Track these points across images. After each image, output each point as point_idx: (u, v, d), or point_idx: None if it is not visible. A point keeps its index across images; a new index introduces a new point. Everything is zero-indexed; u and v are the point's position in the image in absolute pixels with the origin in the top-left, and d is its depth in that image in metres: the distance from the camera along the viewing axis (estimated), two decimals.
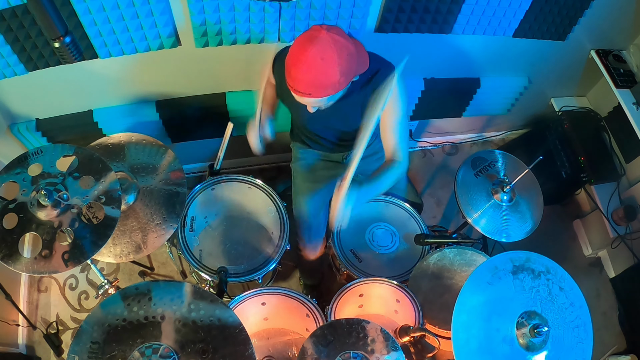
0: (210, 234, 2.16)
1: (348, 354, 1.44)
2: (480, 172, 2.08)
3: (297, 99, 1.56)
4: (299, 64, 1.43)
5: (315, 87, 1.46)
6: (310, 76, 1.44)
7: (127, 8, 1.73)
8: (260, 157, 2.91)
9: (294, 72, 1.44)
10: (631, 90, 2.52)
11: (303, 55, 1.41)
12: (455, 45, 2.38)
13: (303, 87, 1.46)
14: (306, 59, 1.41)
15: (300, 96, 1.50)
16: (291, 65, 1.45)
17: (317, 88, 1.46)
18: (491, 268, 1.45)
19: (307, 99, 1.52)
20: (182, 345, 1.26)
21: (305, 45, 1.41)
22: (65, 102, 2.12)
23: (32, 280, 2.57)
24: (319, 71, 1.43)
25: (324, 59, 1.41)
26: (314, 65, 1.42)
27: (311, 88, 1.46)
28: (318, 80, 1.45)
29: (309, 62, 1.41)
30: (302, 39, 1.44)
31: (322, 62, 1.41)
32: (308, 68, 1.42)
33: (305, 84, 1.45)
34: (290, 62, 1.46)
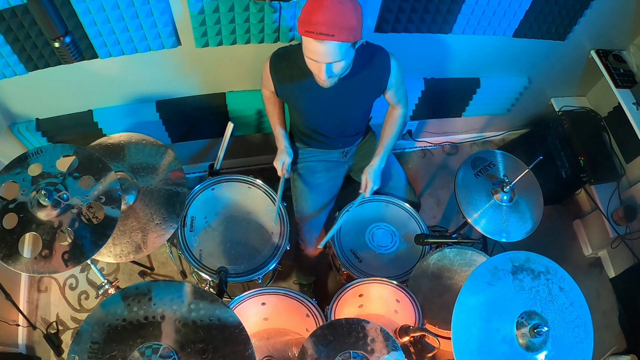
0: (210, 234, 2.16)
1: (348, 353, 1.44)
2: (480, 172, 2.08)
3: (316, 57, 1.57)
4: (319, 7, 1.47)
5: (338, 27, 1.49)
6: (332, 15, 1.47)
7: (127, 8, 1.73)
8: (260, 157, 2.92)
9: (315, 16, 1.47)
10: (631, 90, 2.52)
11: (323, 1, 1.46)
12: (455, 45, 2.38)
13: (326, 28, 1.48)
14: (326, 3, 1.46)
15: (322, 39, 1.50)
16: (311, 11, 1.48)
17: (340, 29, 1.49)
18: (491, 268, 1.45)
19: (328, 45, 1.52)
20: (182, 345, 1.26)
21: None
22: (65, 102, 2.12)
23: (32, 280, 2.57)
24: (339, 12, 1.48)
25: (342, 3, 1.48)
26: (333, 7, 1.47)
27: (334, 28, 1.48)
28: (339, 20, 1.49)
29: (329, 5, 1.47)
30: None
31: (341, 5, 1.48)
32: (328, 9, 1.47)
33: (327, 25, 1.48)
34: (308, 9, 1.49)
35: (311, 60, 1.61)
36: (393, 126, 2.07)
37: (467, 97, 2.80)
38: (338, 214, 2.11)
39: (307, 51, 1.59)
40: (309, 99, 1.87)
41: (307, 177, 2.14)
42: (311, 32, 1.50)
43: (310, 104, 1.90)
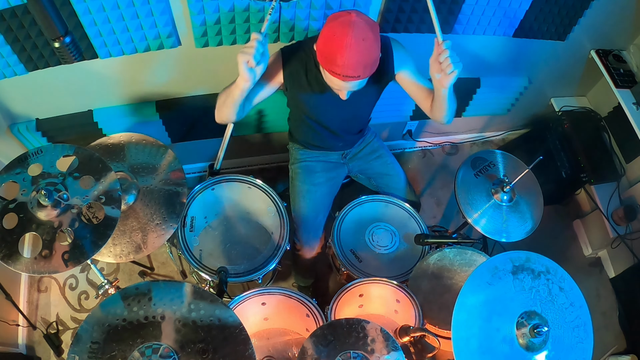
0: (210, 234, 2.16)
1: (348, 354, 1.44)
2: (480, 172, 2.08)
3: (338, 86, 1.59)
4: (344, 50, 1.46)
5: (364, 67, 1.51)
6: (359, 58, 1.48)
7: (127, 8, 1.73)
8: (260, 157, 2.93)
9: (341, 58, 1.47)
10: (631, 90, 2.52)
11: (346, 41, 1.45)
12: (455, 45, 2.37)
13: (352, 70, 1.50)
14: (350, 44, 1.45)
15: (349, 80, 1.53)
16: (336, 54, 1.47)
17: (365, 68, 1.51)
18: (491, 268, 1.45)
19: (353, 82, 1.56)
20: (182, 345, 1.25)
21: (345, 30, 1.45)
22: (65, 102, 2.12)
23: (32, 280, 2.57)
24: (365, 52, 1.48)
25: (365, 40, 1.47)
26: (358, 47, 1.46)
27: (360, 70, 1.50)
28: (365, 60, 1.50)
29: (354, 46, 1.46)
30: (339, 28, 1.47)
31: (365, 42, 1.47)
32: (355, 51, 1.46)
33: (354, 67, 1.49)
34: (333, 51, 1.48)
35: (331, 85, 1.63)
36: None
37: (467, 97, 2.80)
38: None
39: (328, 81, 1.60)
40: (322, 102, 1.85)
41: (306, 177, 2.14)
42: (337, 74, 1.51)
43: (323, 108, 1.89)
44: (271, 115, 2.44)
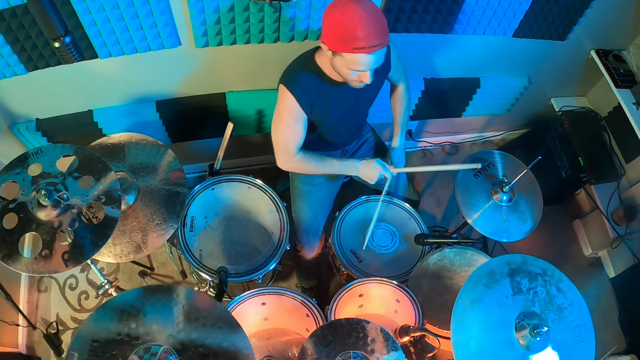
0: (210, 234, 2.17)
1: (348, 354, 1.44)
2: (480, 173, 2.08)
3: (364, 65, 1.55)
4: (361, 22, 1.45)
5: (383, 33, 1.50)
6: (376, 25, 1.48)
7: (127, 8, 1.73)
8: (260, 157, 2.93)
9: (362, 31, 1.46)
10: (631, 90, 2.52)
11: (357, 14, 1.45)
12: (455, 45, 2.38)
13: (375, 39, 1.48)
14: (363, 15, 1.45)
15: (375, 50, 1.51)
16: (353, 30, 1.46)
17: (385, 34, 1.51)
18: (488, 271, 1.46)
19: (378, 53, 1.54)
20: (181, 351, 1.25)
21: (350, 8, 1.45)
22: (65, 102, 2.12)
23: (32, 280, 2.57)
24: (378, 18, 1.49)
25: (372, 8, 1.48)
26: (370, 16, 1.46)
27: (381, 36, 1.50)
28: (382, 26, 1.50)
29: (367, 16, 1.45)
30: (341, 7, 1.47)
31: (373, 11, 1.48)
32: (370, 21, 1.46)
33: (376, 35, 1.48)
34: (349, 28, 1.47)
35: (355, 71, 1.59)
36: (402, 103, 2.07)
37: (467, 97, 2.80)
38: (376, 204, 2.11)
39: (353, 65, 1.56)
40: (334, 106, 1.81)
41: (305, 178, 2.13)
42: (362, 48, 1.49)
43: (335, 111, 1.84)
44: (271, 115, 2.42)
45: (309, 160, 1.82)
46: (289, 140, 1.77)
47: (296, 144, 1.78)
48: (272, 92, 2.33)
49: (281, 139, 1.77)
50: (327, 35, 1.53)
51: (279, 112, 1.75)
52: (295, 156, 1.79)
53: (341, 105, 1.82)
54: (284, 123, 1.75)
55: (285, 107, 1.71)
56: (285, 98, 1.70)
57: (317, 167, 1.84)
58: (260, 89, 2.34)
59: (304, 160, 1.81)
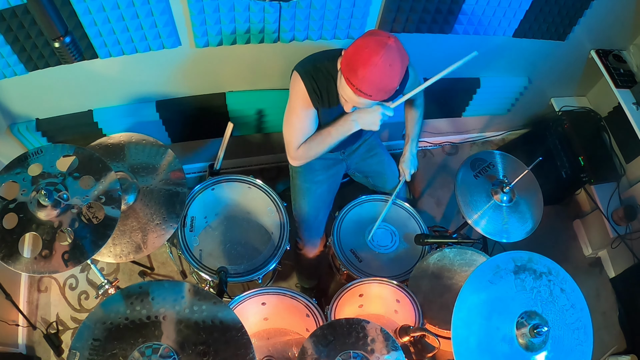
0: (210, 234, 2.17)
1: (348, 354, 1.44)
2: (480, 173, 2.08)
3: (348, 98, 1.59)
4: (369, 66, 1.46)
5: (378, 90, 1.51)
6: (377, 80, 1.48)
7: (127, 8, 1.72)
8: (260, 157, 2.93)
9: (362, 72, 1.47)
10: (631, 90, 2.52)
11: (374, 58, 1.45)
12: (455, 45, 2.37)
13: (367, 88, 1.50)
14: (377, 63, 1.45)
15: (360, 96, 1.53)
16: (360, 66, 1.47)
17: (379, 92, 1.52)
18: (493, 267, 1.46)
19: (363, 100, 1.56)
20: (183, 346, 1.25)
21: (377, 51, 1.45)
22: (65, 102, 2.12)
23: (32, 280, 2.57)
24: (386, 77, 1.49)
25: (392, 66, 1.47)
26: (382, 70, 1.47)
27: (374, 90, 1.51)
28: (382, 84, 1.50)
29: (379, 66, 1.46)
30: (372, 43, 1.47)
31: (390, 69, 1.47)
32: (377, 72, 1.47)
33: (370, 86, 1.50)
34: (359, 62, 1.48)
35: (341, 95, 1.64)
36: (416, 114, 2.17)
37: (467, 97, 2.80)
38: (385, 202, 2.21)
39: (341, 90, 1.60)
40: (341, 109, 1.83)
41: (306, 175, 2.14)
42: (352, 85, 1.51)
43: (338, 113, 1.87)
44: (271, 115, 2.44)
45: (311, 142, 1.85)
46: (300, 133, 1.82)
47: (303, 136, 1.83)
48: (272, 92, 2.34)
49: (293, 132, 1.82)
50: (346, 51, 1.56)
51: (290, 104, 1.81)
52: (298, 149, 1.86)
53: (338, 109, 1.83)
54: (295, 115, 1.81)
55: (297, 97, 1.76)
56: (298, 87, 1.75)
57: (319, 143, 1.85)
58: (260, 89, 2.34)
59: (308, 145, 1.85)
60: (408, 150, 2.22)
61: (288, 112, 1.83)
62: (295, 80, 1.76)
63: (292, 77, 1.78)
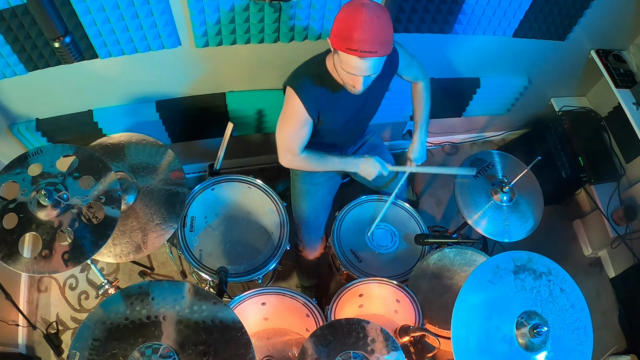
0: (210, 234, 2.17)
1: (348, 354, 1.44)
2: (480, 173, 2.08)
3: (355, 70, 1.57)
4: (360, 25, 1.47)
5: (380, 43, 1.51)
6: (374, 33, 1.49)
7: (127, 8, 1.73)
8: (260, 157, 2.93)
9: (357, 33, 1.47)
10: (631, 90, 2.52)
11: (361, 17, 1.46)
12: (455, 45, 2.38)
13: (369, 45, 1.49)
14: (365, 20, 1.47)
15: (366, 56, 1.52)
16: (352, 30, 1.48)
17: (381, 45, 1.52)
18: (493, 267, 1.46)
19: (370, 61, 1.54)
20: (183, 346, 1.25)
21: (358, 9, 1.47)
22: (65, 102, 2.12)
23: (32, 280, 2.57)
24: (379, 28, 1.49)
25: (379, 18, 1.49)
26: (373, 23, 1.48)
27: (376, 45, 1.50)
28: (380, 35, 1.51)
29: (369, 22, 1.47)
30: (351, 8, 1.49)
31: (379, 20, 1.48)
32: (369, 26, 1.47)
33: (371, 42, 1.49)
34: (349, 28, 1.49)
35: (348, 74, 1.60)
36: (421, 100, 2.10)
37: (467, 97, 2.80)
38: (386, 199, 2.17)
39: (346, 66, 1.58)
40: (341, 111, 1.84)
41: (306, 177, 2.14)
42: (354, 50, 1.50)
43: (340, 116, 1.87)
44: (271, 115, 2.44)
45: (312, 159, 1.88)
46: (293, 142, 1.82)
47: (300, 146, 1.84)
48: (272, 92, 2.34)
49: (285, 140, 1.83)
50: (332, 30, 1.55)
51: (285, 115, 1.79)
52: (299, 156, 1.85)
53: (347, 111, 1.84)
54: (289, 126, 1.80)
55: (293, 112, 1.75)
56: (293, 102, 1.74)
57: (319, 165, 1.91)
58: (260, 89, 2.34)
59: (307, 159, 1.87)
60: (417, 140, 2.10)
61: (283, 123, 1.81)
62: (289, 94, 1.74)
63: (286, 92, 1.76)
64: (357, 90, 1.66)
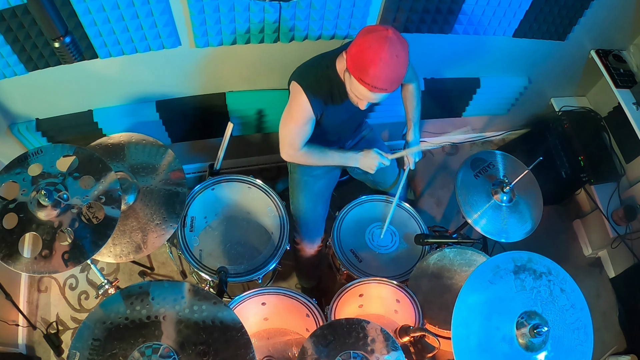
0: (210, 234, 2.17)
1: (348, 354, 1.44)
2: (480, 173, 2.08)
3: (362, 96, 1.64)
4: (378, 63, 1.52)
5: (392, 82, 1.57)
6: (389, 73, 1.54)
7: (127, 8, 1.72)
8: (260, 157, 2.93)
9: (374, 71, 1.52)
10: (631, 90, 2.52)
11: (381, 55, 1.51)
12: (455, 45, 2.37)
13: (381, 83, 1.56)
14: (384, 58, 1.51)
15: (376, 92, 1.58)
16: (369, 65, 1.52)
17: (393, 83, 1.58)
18: (493, 267, 1.46)
19: (378, 94, 1.61)
20: (183, 346, 1.26)
21: (381, 46, 1.51)
22: (65, 102, 2.12)
23: (32, 280, 2.57)
24: (395, 68, 1.55)
25: (398, 57, 1.54)
26: (391, 63, 1.53)
27: (388, 84, 1.57)
28: (394, 76, 1.56)
29: (387, 60, 1.52)
30: (375, 41, 1.52)
31: (397, 59, 1.54)
32: (387, 66, 1.53)
33: (383, 81, 1.55)
34: (367, 62, 1.53)
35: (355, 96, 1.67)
36: (413, 100, 2.14)
37: (467, 97, 2.79)
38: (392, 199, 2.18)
39: (354, 90, 1.64)
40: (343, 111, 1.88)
41: (304, 172, 2.13)
42: (366, 84, 1.56)
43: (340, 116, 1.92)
44: (271, 115, 2.44)
45: (312, 154, 1.91)
46: (296, 138, 1.86)
47: (302, 141, 1.87)
48: (272, 92, 2.34)
49: (289, 135, 1.86)
50: (349, 53, 1.59)
51: (290, 111, 1.83)
52: (300, 151, 1.88)
53: (348, 110, 1.86)
54: (294, 122, 1.83)
55: (298, 108, 1.78)
56: (299, 99, 1.77)
57: (319, 159, 1.94)
58: (260, 89, 2.34)
59: (308, 154, 1.91)
60: (412, 137, 2.15)
61: (288, 118, 1.85)
62: (296, 91, 1.78)
63: (292, 87, 1.80)
64: (360, 107, 1.73)
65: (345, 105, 1.82)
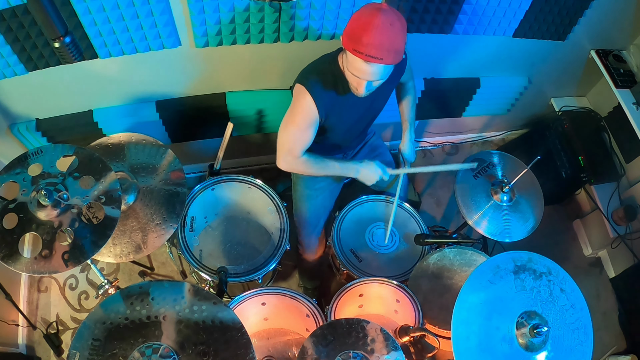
0: (210, 234, 2.17)
1: (348, 354, 1.44)
2: (479, 173, 2.08)
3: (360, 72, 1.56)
4: (371, 29, 1.46)
5: (387, 50, 1.50)
6: (384, 40, 1.48)
7: (127, 8, 1.73)
8: (260, 157, 2.93)
9: (367, 38, 1.46)
10: (631, 90, 2.52)
11: (374, 21, 1.46)
12: (455, 45, 2.38)
13: (376, 51, 1.48)
14: (377, 25, 1.46)
15: (371, 61, 1.51)
16: (362, 33, 1.47)
17: (389, 53, 1.50)
18: (493, 267, 1.46)
19: (375, 67, 1.54)
20: (183, 346, 1.26)
21: (374, 14, 1.47)
22: (65, 102, 2.12)
23: (32, 280, 2.57)
24: (390, 36, 1.48)
25: (392, 25, 1.48)
26: (385, 30, 1.47)
27: (383, 52, 1.49)
28: (389, 44, 1.49)
29: (381, 27, 1.46)
30: (367, 11, 1.49)
31: (392, 28, 1.48)
32: (380, 32, 1.46)
33: (377, 48, 1.48)
34: (360, 30, 1.48)
35: (352, 75, 1.60)
36: (409, 99, 2.12)
37: (467, 97, 2.80)
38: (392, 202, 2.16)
39: (351, 67, 1.58)
40: (348, 113, 1.83)
41: (308, 182, 2.12)
42: (360, 53, 1.50)
43: (347, 117, 1.86)
44: (271, 115, 2.44)
45: (311, 163, 1.82)
46: (296, 144, 1.76)
47: (303, 148, 1.77)
48: (272, 92, 2.34)
49: (289, 141, 1.76)
50: (345, 29, 1.54)
51: (292, 114, 1.73)
52: (299, 159, 1.79)
53: (354, 112, 1.84)
54: (295, 126, 1.74)
55: (302, 110, 1.70)
56: (303, 100, 1.69)
57: (318, 169, 1.85)
58: (260, 89, 2.34)
59: (307, 163, 1.81)
60: (407, 138, 2.11)
61: (289, 122, 1.75)
62: (299, 92, 1.70)
63: (295, 89, 1.72)
64: (360, 93, 1.65)
65: (351, 103, 1.77)
